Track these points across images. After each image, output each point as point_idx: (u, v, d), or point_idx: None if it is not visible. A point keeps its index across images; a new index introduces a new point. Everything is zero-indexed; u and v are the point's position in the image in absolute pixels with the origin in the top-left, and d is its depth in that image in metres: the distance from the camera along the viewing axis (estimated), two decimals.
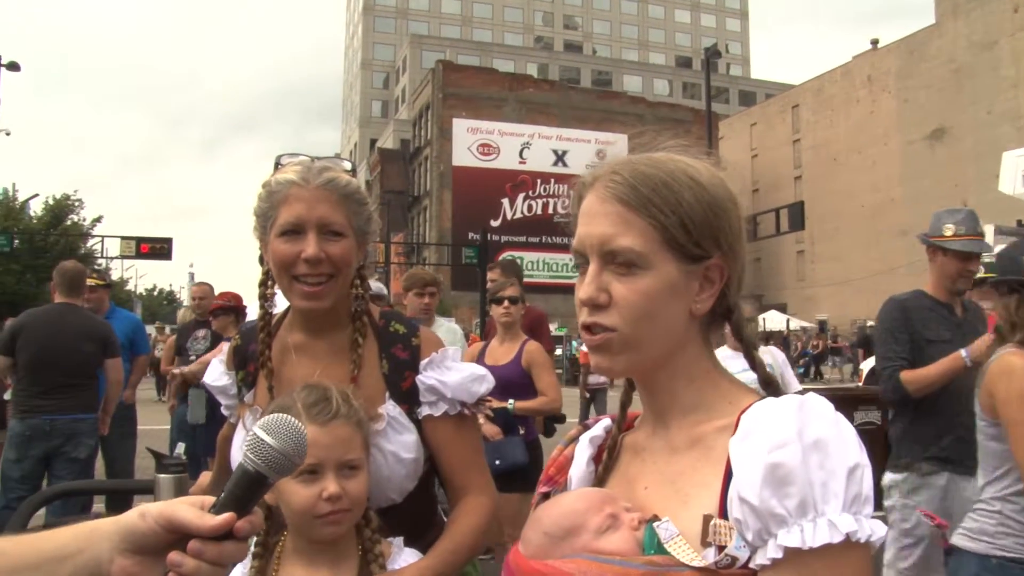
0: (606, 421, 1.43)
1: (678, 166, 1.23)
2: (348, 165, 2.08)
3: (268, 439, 1.11)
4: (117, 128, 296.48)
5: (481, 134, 56.49)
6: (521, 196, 56.28)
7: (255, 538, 1.87)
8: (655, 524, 1.15)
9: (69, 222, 38.24)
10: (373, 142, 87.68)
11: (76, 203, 38.87)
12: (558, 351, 37.66)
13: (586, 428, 1.45)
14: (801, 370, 30.99)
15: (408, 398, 2.02)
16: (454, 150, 56.15)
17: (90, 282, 7.51)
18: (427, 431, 2.02)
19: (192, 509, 1.08)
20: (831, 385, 27.66)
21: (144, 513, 1.09)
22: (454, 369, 2.04)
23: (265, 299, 2.08)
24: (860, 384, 13.71)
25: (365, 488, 1.81)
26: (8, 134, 29.32)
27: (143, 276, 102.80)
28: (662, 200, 1.19)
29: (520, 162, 56.57)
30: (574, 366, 37.47)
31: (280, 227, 1.92)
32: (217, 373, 2.24)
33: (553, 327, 42.23)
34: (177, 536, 1.07)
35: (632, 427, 1.39)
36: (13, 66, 27.45)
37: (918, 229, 4.72)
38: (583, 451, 1.40)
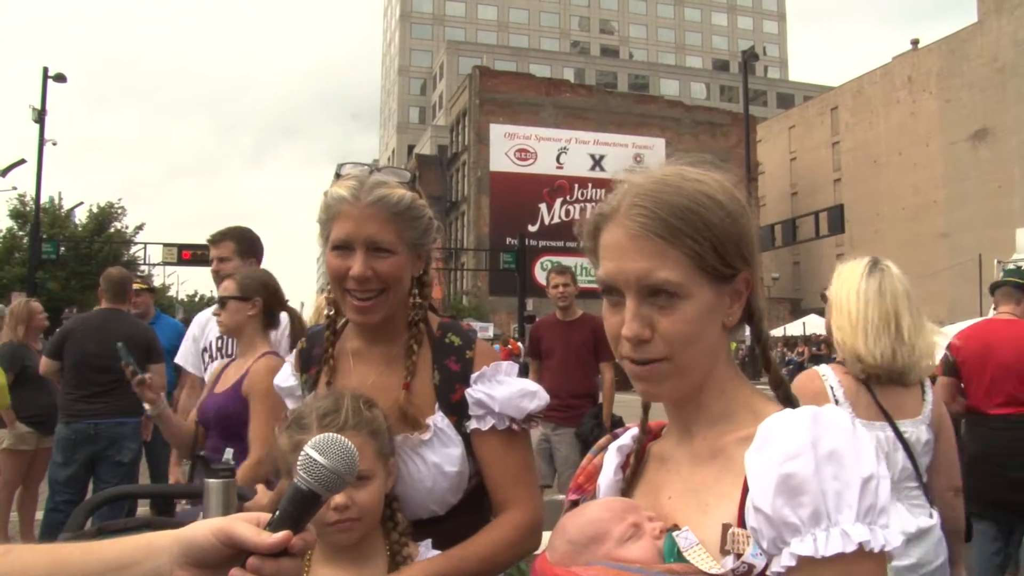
0: (634, 430, 1.44)
1: (695, 187, 1.23)
2: (407, 176, 2.07)
3: (320, 459, 1.14)
4: (164, 136, 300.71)
5: (518, 139, 56.41)
6: (559, 201, 56.12)
7: None
8: (675, 533, 1.18)
9: (113, 229, 38.89)
10: (411, 148, 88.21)
11: (119, 211, 39.56)
12: None
13: (615, 437, 1.47)
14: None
15: (457, 410, 2.01)
16: (491, 155, 56.12)
17: (135, 286, 7.56)
18: (475, 445, 2.01)
19: (249, 526, 1.11)
20: None
21: (204, 529, 1.13)
22: (505, 384, 2.02)
23: (333, 303, 2.11)
24: None
25: (376, 497, 1.83)
26: (55, 144, 29.77)
27: (184, 282, 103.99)
28: (692, 228, 1.19)
29: (557, 167, 56.44)
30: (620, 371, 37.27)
31: (332, 242, 1.96)
32: (286, 374, 2.28)
33: None
34: (235, 552, 1.11)
35: (659, 436, 1.41)
36: (60, 77, 27.88)
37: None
38: (611, 460, 1.42)
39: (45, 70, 27.69)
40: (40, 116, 27.58)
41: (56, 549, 1.18)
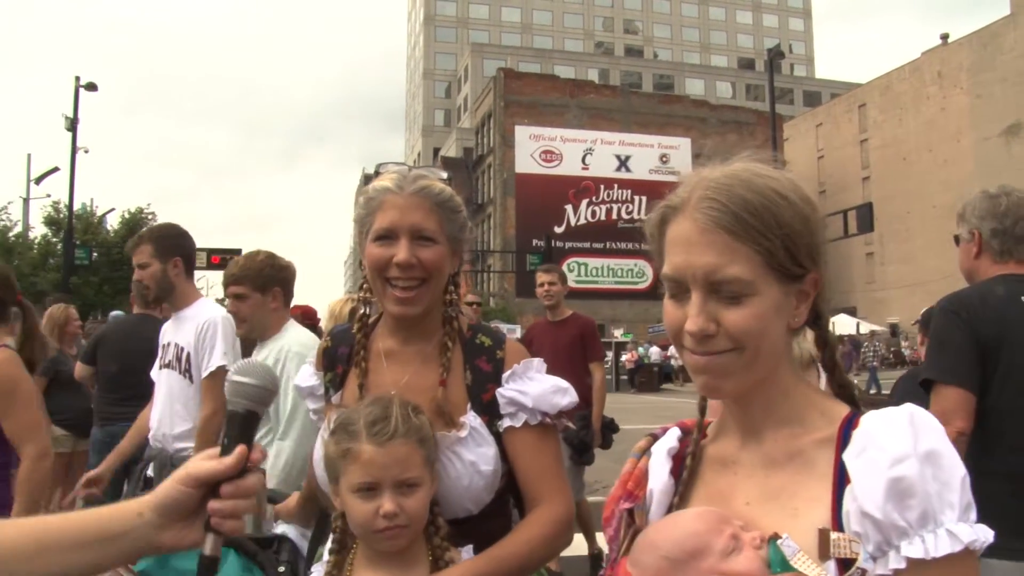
0: (676, 430, 1.42)
1: (768, 184, 1.21)
2: (444, 175, 2.11)
3: (247, 380, 1.32)
4: (193, 143, 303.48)
5: (543, 141, 56.41)
6: (584, 202, 56.09)
7: (330, 545, 1.95)
8: (778, 542, 1.15)
9: None
10: (436, 151, 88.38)
11: (150, 216, 39.92)
12: (624, 356, 37.51)
13: (655, 438, 1.45)
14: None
15: (489, 410, 2.01)
16: (517, 157, 56.15)
17: None
18: (507, 443, 2.01)
19: (209, 462, 1.24)
20: None
21: (170, 485, 1.24)
22: (536, 380, 2.03)
23: (366, 302, 2.14)
24: None
25: (424, 504, 1.83)
26: (87, 152, 30.14)
27: (213, 287, 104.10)
28: (765, 226, 1.18)
29: (583, 168, 56.41)
30: (641, 371, 37.36)
31: (375, 232, 1.99)
32: (307, 374, 2.26)
33: (618, 333, 42.16)
34: (206, 489, 1.23)
35: (704, 436, 1.39)
36: (91, 86, 28.21)
37: None
38: (661, 463, 1.39)
39: (77, 79, 28.03)
40: (73, 124, 27.93)
41: (44, 523, 1.26)
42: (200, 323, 4.30)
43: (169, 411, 4.37)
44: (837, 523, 1.13)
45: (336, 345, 2.21)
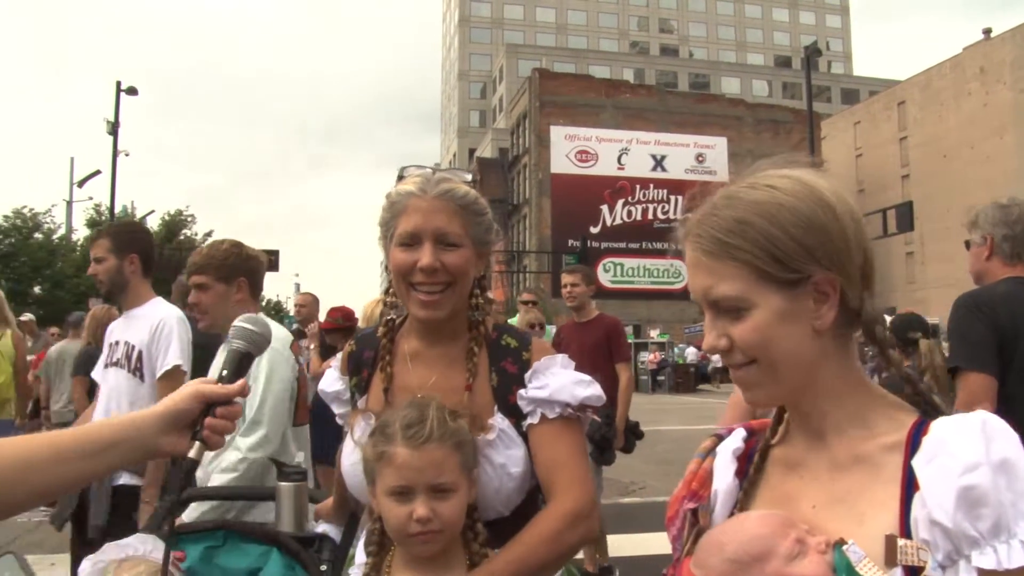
0: (742, 431, 1.42)
1: (758, 196, 1.24)
2: (468, 177, 2.11)
3: (252, 327, 1.63)
4: (231, 145, 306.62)
5: (579, 141, 56.49)
6: (620, 202, 56.06)
7: (368, 547, 1.95)
8: (844, 547, 1.15)
9: (183, 236, 39.83)
10: (472, 152, 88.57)
11: (189, 218, 40.54)
12: (647, 356, 37.36)
13: (719, 439, 1.44)
14: None
15: (516, 411, 2.00)
16: (552, 158, 56.22)
17: None
18: (530, 440, 1.99)
19: (215, 386, 1.52)
20: None
21: (183, 397, 1.49)
22: (558, 375, 2.01)
23: (392, 306, 2.14)
24: None
25: (459, 510, 1.81)
26: (127, 155, 30.63)
27: None
28: (744, 240, 1.21)
29: (618, 168, 56.42)
30: (678, 372, 37.22)
31: (399, 237, 1.98)
32: (332, 379, 2.26)
33: (655, 333, 41.92)
34: (203, 407, 1.49)
35: (768, 438, 1.39)
36: (132, 91, 28.72)
37: None
38: (725, 464, 1.39)
39: (118, 84, 28.54)
40: (114, 128, 28.43)
41: (56, 436, 1.45)
42: (155, 322, 4.20)
43: (116, 410, 4.18)
44: (904, 530, 1.12)
45: (361, 349, 2.21)
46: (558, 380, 2.00)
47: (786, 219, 1.21)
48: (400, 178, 2.09)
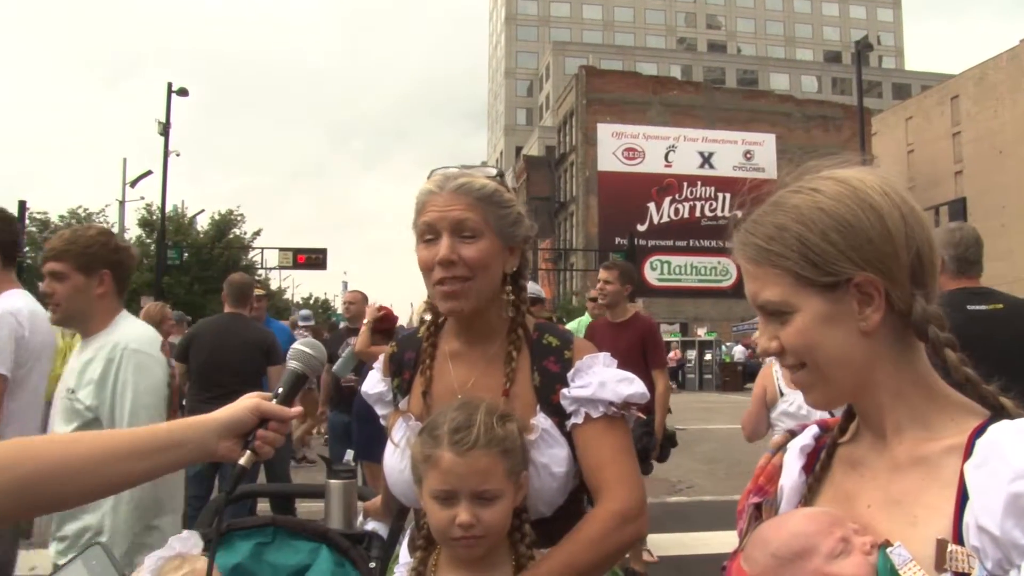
0: (814, 428, 1.43)
1: (799, 201, 1.25)
2: (492, 171, 2.10)
3: (310, 350, 1.76)
4: (279, 144, 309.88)
5: (626, 138, 56.22)
6: (668, 200, 55.68)
7: (418, 541, 1.96)
8: (888, 549, 1.14)
9: (232, 235, 40.34)
10: (519, 150, 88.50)
11: (239, 217, 41.01)
12: (707, 356, 37.12)
13: (792, 435, 1.46)
14: None
15: (559, 411, 1.99)
16: (599, 155, 56.02)
17: (258, 292, 7.92)
18: (575, 442, 1.97)
19: (272, 404, 1.63)
20: None
21: (243, 408, 1.61)
22: (600, 373, 2.01)
23: (433, 307, 2.14)
24: None
25: (503, 515, 1.80)
26: (178, 155, 31.10)
27: (299, 285, 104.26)
28: (782, 246, 1.24)
29: (666, 165, 55.98)
30: (724, 371, 36.94)
31: (419, 233, 2.00)
32: (374, 380, 2.28)
33: (702, 331, 41.74)
34: (258, 421, 1.61)
35: (839, 436, 1.39)
36: (183, 92, 29.07)
37: None
38: (793, 461, 1.40)
39: (169, 85, 28.92)
40: (165, 129, 28.82)
41: (112, 435, 1.58)
42: None
43: None
44: (958, 535, 1.10)
45: (403, 350, 2.23)
46: (601, 378, 1.99)
47: (824, 223, 1.22)
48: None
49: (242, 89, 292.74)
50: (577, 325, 8.67)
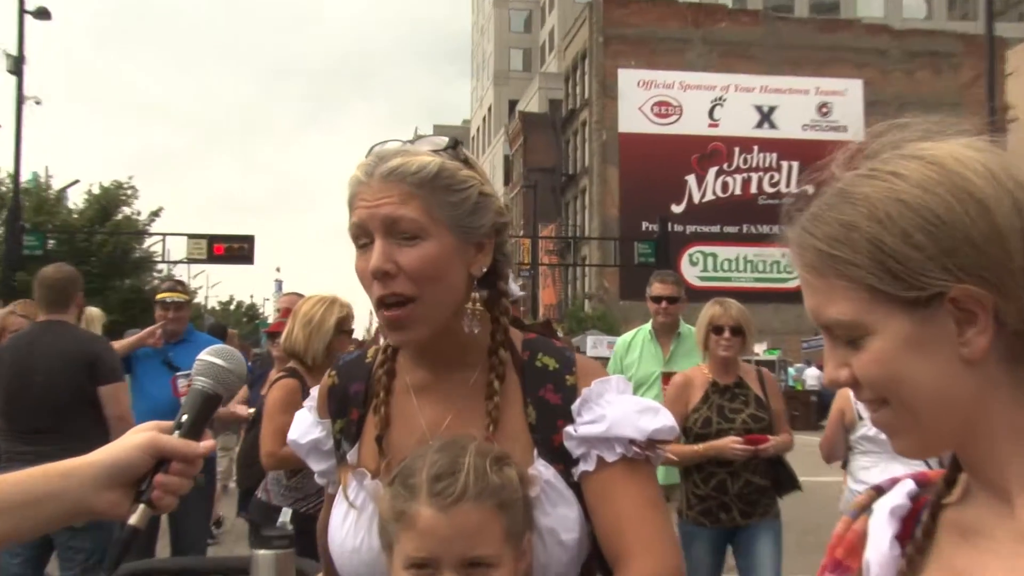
0: (908, 484, 1.39)
1: (874, 189, 1.23)
2: (443, 143, 2.06)
3: (220, 361, 1.71)
4: (198, 91, 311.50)
5: (657, 89, 56.64)
6: (713, 171, 56.29)
7: None
8: None
9: (120, 216, 39.91)
10: (513, 104, 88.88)
11: (129, 192, 40.59)
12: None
13: (879, 492, 1.42)
14: None
15: (563, 456, 2.02)
16: (621, 112, 56.45)
17: (175, 297, 8.20)
18: (585, 492, 2.00)
19: (172, 438, 1.59)
20: None
21: (130, 447, 1.56)
22: (615, 403, 2.03)
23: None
24: None
25: None
26: (38, 103, 30.52)
27: (216, 284, 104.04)
28: (850, 251, 1.22)
29: (711, 124, 56.54)
30: (792, 402, 36.41)
31: (353, 237, 2.01)
32: (305, 425, 2.28)
33: (761, 349, 41.44)
34: (157, 461, 1.56)
35: (943, 494, 1.34)
36: (42, 13, 28.43)
37: None
38: (882, 527, 1.37)
39: (20, 3, 28.17)
40: (17, 65, 28.28)
41: None
42: None
43: None
44: None
45: (346, 381, 2.24)
46: (616, 410, 2.01)
47: (906, 220, 1.18)
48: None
49: (137, 13, 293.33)
50: (632, 339, 8.38)
